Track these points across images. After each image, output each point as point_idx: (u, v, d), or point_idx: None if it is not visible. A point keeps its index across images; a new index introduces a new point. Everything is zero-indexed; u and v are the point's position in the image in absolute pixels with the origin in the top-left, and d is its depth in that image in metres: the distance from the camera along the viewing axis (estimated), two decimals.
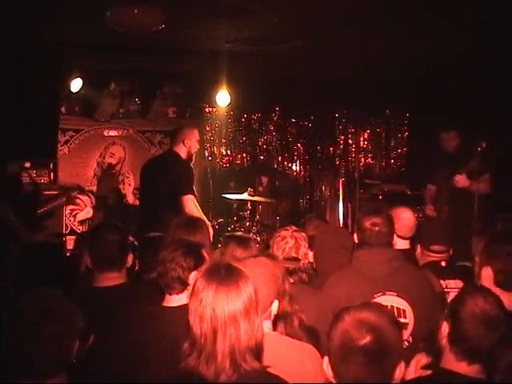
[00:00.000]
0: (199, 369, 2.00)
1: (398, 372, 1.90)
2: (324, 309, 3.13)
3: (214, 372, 1.99)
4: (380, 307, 2.08)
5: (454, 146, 5.96)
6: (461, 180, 5.70)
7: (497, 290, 2.51)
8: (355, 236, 3.45)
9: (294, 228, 3.60)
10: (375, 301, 3.02)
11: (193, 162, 5.78)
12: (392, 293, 3.12)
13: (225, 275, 2.07)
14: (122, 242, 3.32)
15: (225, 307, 2.01)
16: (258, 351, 2.08)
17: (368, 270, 3.21)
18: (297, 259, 3.44)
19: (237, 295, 2.03)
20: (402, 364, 1.92)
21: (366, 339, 1.85)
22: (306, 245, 3.54)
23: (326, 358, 1.97)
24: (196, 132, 5.91)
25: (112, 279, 3.21)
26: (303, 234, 3.58)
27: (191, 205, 5.34)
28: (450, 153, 5.99)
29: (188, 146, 5.69)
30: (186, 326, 2.07)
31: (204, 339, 2.01)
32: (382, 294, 3.12)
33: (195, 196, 5.47)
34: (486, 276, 2.66)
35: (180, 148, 5.67)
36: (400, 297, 3.14)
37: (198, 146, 5.88)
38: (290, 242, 3.48)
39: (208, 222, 5.71)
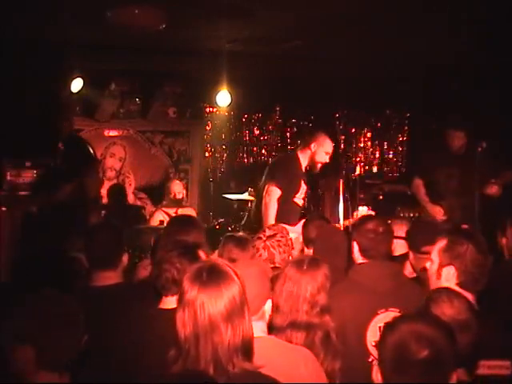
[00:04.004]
0: None
1: (453, 379, 1.88)
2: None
3: None
4: (434, 317, 2.07)
5: (459, 145, 5.90)
6: (494, 189, 5.77)
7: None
8: (355, 245, 3.30)
9: (266, 234, 3.57)
10: (379, 317, 2.97)
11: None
12: (394, 309, 3.00)
13: (207, 279, 2.02)
14: (115, 242, 3.32)
15: (206, 312, 1.98)
16: (247, 352, 2.03)
17: (371, 284, 3.11)
18: (275, 268, 3.34)
19: (218, 300, 1.99)
20: (455, 373, 1.90)
21: (425, 353, 1.82)
22: (284, 248, 3.52)
23: (375, 367, 1.94)
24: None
25: (107, 278, 3.23)
26: (278, 238, 3.55)
27: None
28: (454, 152, 5.93)
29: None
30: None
31: (188, 344, 1.98)
32: (385, 311, 3.02)
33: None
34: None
35: None
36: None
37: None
38: (264, 255, 3.48)
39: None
